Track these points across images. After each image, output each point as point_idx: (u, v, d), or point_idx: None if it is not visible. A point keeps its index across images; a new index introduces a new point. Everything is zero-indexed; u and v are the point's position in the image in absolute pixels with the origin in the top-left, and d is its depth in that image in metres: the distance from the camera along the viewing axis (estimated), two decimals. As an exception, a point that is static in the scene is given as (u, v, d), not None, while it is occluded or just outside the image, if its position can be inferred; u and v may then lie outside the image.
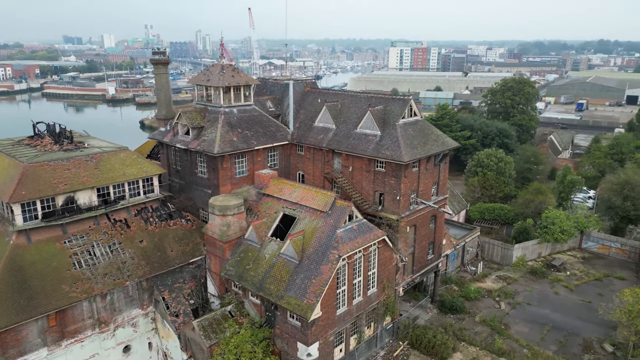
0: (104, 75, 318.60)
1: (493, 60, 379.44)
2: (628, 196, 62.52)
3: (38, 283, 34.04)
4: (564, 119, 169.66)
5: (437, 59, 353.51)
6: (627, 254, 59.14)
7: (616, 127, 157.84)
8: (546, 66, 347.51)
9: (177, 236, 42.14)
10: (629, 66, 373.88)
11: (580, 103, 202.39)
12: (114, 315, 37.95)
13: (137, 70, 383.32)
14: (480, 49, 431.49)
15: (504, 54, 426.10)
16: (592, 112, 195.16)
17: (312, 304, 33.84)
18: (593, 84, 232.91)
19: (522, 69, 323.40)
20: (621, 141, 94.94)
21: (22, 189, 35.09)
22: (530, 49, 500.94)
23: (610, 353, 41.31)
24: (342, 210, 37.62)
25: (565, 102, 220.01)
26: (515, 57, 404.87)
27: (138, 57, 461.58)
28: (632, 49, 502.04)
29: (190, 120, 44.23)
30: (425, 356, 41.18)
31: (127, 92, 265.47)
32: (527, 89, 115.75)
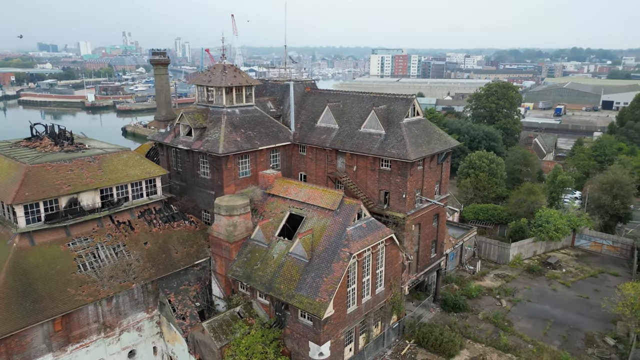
0: (82, 83, 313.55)
1: (471, 67, 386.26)
2: (617, 195, 64.12)
3: (43, 286, 33.08)
4: (544, 123, 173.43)
5: (418, 66, 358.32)
6: (618, 251, 60.53)
7: (594, 131, 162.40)
8: (523, 73, 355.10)
9: (181, 238, 41.52)
10: (602, 73, 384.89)
11: (558, 108, 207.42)
12: (119, 319, 37.11)
13: (116, 77, 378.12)
14: (459, 57, 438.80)
15: (481, 62, 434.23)
16: (570, 117, 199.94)
17: (325, 302, 33.65)
18: (570, 90, 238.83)
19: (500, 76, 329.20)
20: (604, 143, 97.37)
21: (25, 190, 34.15)
22: (507, 57, 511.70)
23: (613, 346, 42.09)
24: (351, 209, 37.64)
25: (543, 107, 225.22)
26: (493, 65, 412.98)
27: (116, 64, 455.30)
28: (603, 56, 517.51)
29: (193, 121, 43.80)
30: (433, 354, 41.29)
31: (107, 99, 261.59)
32: (510, 94, 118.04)
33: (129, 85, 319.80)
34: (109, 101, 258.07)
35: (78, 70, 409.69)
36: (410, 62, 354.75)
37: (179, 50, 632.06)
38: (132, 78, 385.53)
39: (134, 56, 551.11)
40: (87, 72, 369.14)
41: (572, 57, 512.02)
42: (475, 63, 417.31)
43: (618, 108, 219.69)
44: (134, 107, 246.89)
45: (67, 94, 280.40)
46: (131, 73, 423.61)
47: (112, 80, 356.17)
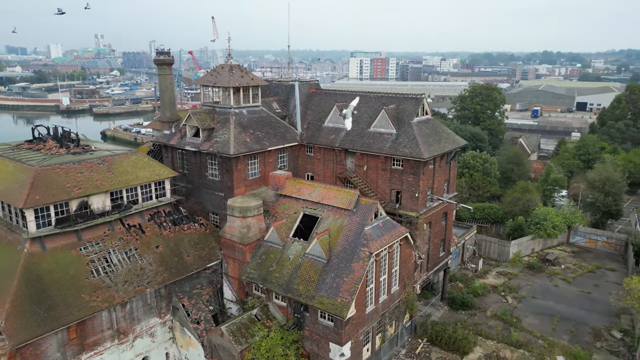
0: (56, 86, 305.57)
1: (448, 70, 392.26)
2: (609, 192, 65.82)
3: (57, 293, 31.92)
4: (523, 124, 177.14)
5: (396, 69, 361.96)
6: (612, 247, 62.09)
7: (572, 132, 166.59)
8: (497, 76, 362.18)
9: (192, 241, 40.69)
10: (573, 75, 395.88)
11: (535, 110, 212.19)
12: (133, 325, 36.11)
13: (90, 80, 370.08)
14: (435, 60, 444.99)
15: (457, 65, 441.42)
16: (546, 118, 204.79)
17: (348, 302, 33.42)
18: (545, 92, 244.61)
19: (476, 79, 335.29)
20: (587, 143, 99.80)
21: (35, 194, 32.92)
22: (481, 60, 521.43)
23: (620, 339, 43.04)
24: (367, 208, 37.54)
25: (520, 109, 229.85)
26: (468, 68, 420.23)
27: (90, 67, 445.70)
28: (573, 59, 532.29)
29: (201, 122, 43.04)
30: (447, 352, 41.47)
31: (82, 103, 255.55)
32: (494, 95, 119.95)
33: (105, 89, 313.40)
34: (84, 105, 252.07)
35: (50, 73, 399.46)
36: (389, 65, 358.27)
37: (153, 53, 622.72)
38: (107, 81, 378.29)
39: (107, 59, 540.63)
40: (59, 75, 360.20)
41: (543, 60, 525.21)
42: (451, 66, 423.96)
43: (592, 109, 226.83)
44: (112, 111, 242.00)
45: (40, 98, 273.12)
46: (105, 76, 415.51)
47: (86, 83, 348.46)
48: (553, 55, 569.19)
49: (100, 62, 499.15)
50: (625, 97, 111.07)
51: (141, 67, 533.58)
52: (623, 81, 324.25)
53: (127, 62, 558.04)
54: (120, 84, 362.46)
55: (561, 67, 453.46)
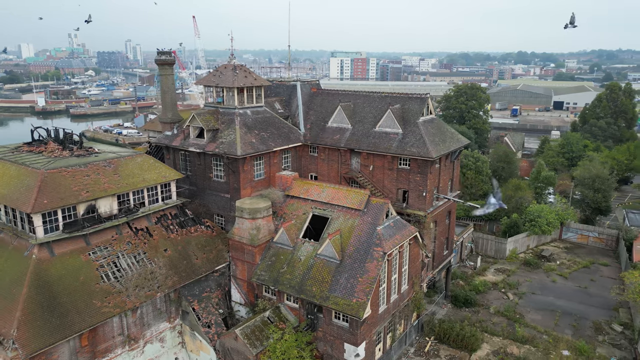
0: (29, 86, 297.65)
1: (427, 70, 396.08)
2: (599, 189, 67.45)
3: (68, 299, 31.05)
4: (505, 123, 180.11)
5: (376, 69, 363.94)
6: (604, 242, 63.65)
7: (552, 130, 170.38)
8: (475, 75, 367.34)
9: (200, 243, 40.11)
10: (547, 75, 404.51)
11: (514, 109, 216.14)
12: (143, 331, 35.41)
13: (65, 80, 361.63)
14: (414, 60, 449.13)
15: (435, 64, 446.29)
16: (525, 117, 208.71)
17: (363, 302, 33.41)
18: (523, 91, 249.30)
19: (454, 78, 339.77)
20: (571, 141, 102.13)
21: (43, 198, 31.94)
22: (458, 60, 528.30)
23: (620, 332, 44.11)
24: (379, 208, 37.58)
25: (499, 108, 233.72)
26: (446, 67, 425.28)
27: (64, 67, 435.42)
28: (547, 59, 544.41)
29: (206, 122, 42.44)
30: (455, 349, 41.82)
31: (59, 104, 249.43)
32: (479, 95, 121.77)
33: (81, 89, 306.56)
34: (61, 106, 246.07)
35: (22, 73, 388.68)
36: (369, 65, 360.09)
37: (129, 52, 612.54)
38: (83, 81, 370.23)
39: (81, 58, 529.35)
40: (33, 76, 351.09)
41: (518, 60, 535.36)
42: (429, 66, 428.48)
43: (568, 108, 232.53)
44: (90, 112, 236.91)
45: (14, 99, 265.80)
46: (80, 76, 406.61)
47: (60, 83, 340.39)
48: (527, 55, 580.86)
49: (74, 61, 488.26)
50: (605, 96, 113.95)
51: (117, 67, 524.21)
52: (596, 80, 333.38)
53: (102, 62, 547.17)
54: (96, 84, 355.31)
55: (536, 67, 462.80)
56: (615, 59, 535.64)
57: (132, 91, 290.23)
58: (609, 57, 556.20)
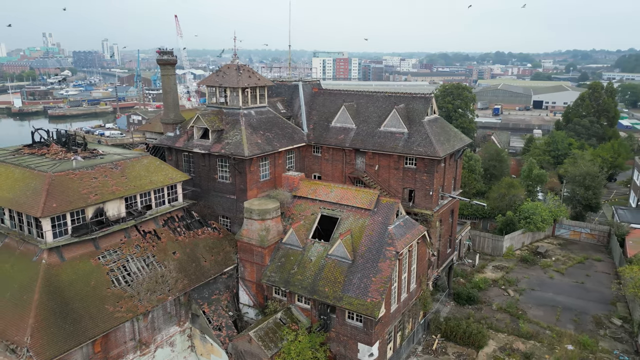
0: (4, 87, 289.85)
1: (407, 70, 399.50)
2: (590, 186, 68.96)
3: (80, 305, 30.31)
4: (488, 122, 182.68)
5: (358, 69, 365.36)
6: (595, 238, 65.10)
7: (534, 129, 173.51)
8: (455, 75, 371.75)
9: (208, 245, 39.63)
10: (525, 75, 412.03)
11: (496, 108, 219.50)
12: (154, 335, 34.83)
13: (41, 81, 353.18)
14: (395, 60, 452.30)
15: (416, 65, 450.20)
16: (507, 116, 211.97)
17: (378, 302, 33.49)
18: (504, 91, 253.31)
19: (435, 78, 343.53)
20: (556, 139, 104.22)
21: (52, 201, 31.11)
22: (437, 60, 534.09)
23: (620, 326, 45.17)
24: (389, 207, 37.71)
25: (481, 107, 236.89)
26: (427, 67, 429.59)
27: (39, 67, 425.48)
28: (524, 59, 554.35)
29: (211, 123, 41.95)
30: (462, 346, 42.23)
31: (36, 105, 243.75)
32: (465, 94, 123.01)
33: (58, 89, 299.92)
34: (38, 106, 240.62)
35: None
36: (351, 65, 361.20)
37: (106, 52, 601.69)
38: (59, 81, 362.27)
39: (57, 58, 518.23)
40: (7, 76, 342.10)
41: (496, 61, 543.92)
42: (410, 66, 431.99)
43: (547, 107, 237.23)
44: (68, 113, 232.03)
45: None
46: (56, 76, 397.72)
47: (36, 84, 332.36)
48: (505, 55, 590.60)
49: (49, 61, 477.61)
50: (588, 95, 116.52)
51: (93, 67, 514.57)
52: (572, 80, 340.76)
53: (78, 62, 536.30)
54: (73, 84, 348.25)
55: (513, 67, 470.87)
56: (590, 59, 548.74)
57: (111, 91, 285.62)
58: (584, 57, 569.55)
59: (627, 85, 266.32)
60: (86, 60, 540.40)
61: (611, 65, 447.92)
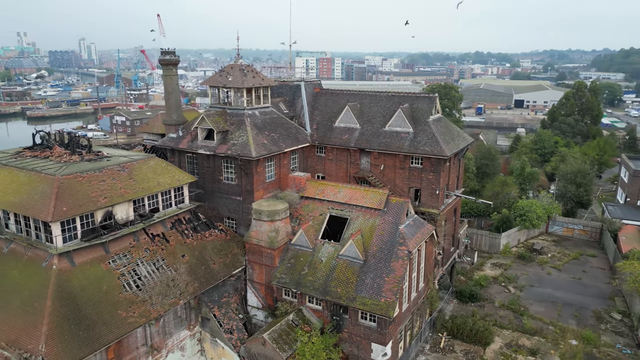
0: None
1: (390, 70, 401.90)
2: (581, 183, 70.34)
3: (93, 310, 29.65)
4: (472, 121, 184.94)
5: (341, 68, 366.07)
6: (588, 234, 66.42)
7: (517, 128, 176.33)
8: (437, 75, 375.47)
9: (215, 248, 39.17)
10: (505, 75, 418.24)
11: (479, 107, 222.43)
12: (166, 340, 34.28)
13: (17, 81, 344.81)
14: (377, 60, 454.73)
15: (398, 64, 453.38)
16: (490, 115, 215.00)
17: (392, 302, 33.55)
18: (486, 90, 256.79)
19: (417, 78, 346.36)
20: (543, 138, 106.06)
21: (62, 205, 30.35)
22: (418, 60, 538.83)
23: (620, 320, 46.16)
24: (399, 207, 37.80)
25: (464, 106, 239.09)
26: (408, 67, 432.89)
27: (15, 67, 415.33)
28: (503, 59, 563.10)
29: (216, 124, 41.46)
30: (469, 344, 42.58)
31: (13, 106, 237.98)
32: (453, 94, 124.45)
33: (36, 90, 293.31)
34: (16, 107, 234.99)
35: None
36: (334, 64, 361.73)
37: (84, 51, 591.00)
38: (35, 82, 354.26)
39: (33, 58, 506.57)
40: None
41: (475, 60, 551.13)
42: (392, 66, 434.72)
43: (528, 106, 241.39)
44: (48, 114, 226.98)
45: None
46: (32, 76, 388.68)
47: (12, 84, 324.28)
48: (484, 55, 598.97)
49: (25, 61, 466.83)
50: (572, 94, 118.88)
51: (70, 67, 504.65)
52: (551, 79, 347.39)
53: (55, 62, 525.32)
54: (50, 84, 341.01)
55: (493, 66, 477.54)
56: (566, 59, 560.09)
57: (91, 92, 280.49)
58: (560, 57, 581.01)
59: (604, 85, 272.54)
60: (63, 60, 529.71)
61: (587, 65, 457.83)
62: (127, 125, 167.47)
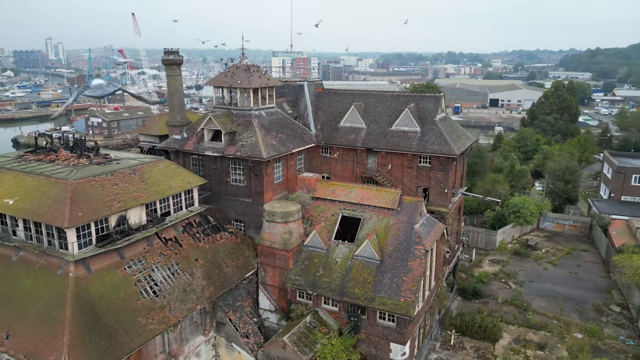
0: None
1: (365, 70, 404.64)
2: (569, 180, 72.13)
3: (113, 319, 28.68)
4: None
5: (318, 68, 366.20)
6: (578, 229, 68.17)
7: (495, 126, 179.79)
8: (412, 75, 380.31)
9: (227, 251, 38.48)
10: (477, 74, 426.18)
11: (456, 106, 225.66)
12: (182, 346, 33.50)
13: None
14: (352, 60, 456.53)
15: (373, 64, 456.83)
16: (467, 114, 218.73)
17: (412, 301, 33.62)
18: (461, 90, 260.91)
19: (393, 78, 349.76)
20: (525, 136, 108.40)
21: (77, 210, 29.24)
22: (392, 60, 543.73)
23: (619, 313, 47.49)
24: (413, 206, 37.91)
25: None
26: (384, 67, 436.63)
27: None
28: (474, 59, 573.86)
29: (223, 125, 40.72)
30: (478, 340, 43.07)
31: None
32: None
33: (3, 91, 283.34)
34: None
35: None
36: (311, 64, 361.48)
37: (51, 51, 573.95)
38: (1, 83, 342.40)
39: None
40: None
41: (448, 60, 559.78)
42: (367, 66, 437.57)
43: (503, 105, 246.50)
44: (17, 116, 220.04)
45: None
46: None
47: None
48: (456, 55, 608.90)
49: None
50: (551, 93, 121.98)
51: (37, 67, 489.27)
52: (522, 79, 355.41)
53: (20, 62, 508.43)
54: (17, 85, 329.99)
55: (465, 66, 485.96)
56: (535, 59, 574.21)
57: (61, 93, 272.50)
58: (529, 57, 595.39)
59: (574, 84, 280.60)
60: (29, 60, 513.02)
61: (555, 65, 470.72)
62: (104, 127, 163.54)
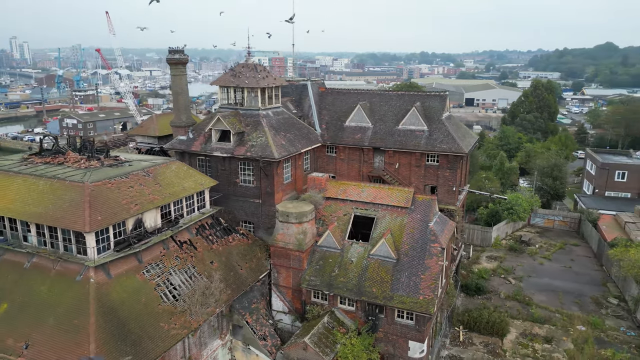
0: None
1: (341, 70, 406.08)
2: (557, 177, 73.97)
3: (136, 324, 27.91)
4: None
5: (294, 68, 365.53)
6: (568, 225, 69.97)
7: (473, 125, 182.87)
8: (387, 75, 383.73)
9: (240, 253, 37.96)
10: (451, 74, 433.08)
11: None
12: (201, 350, 32.89)
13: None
14: (327, 60, 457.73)
15: (348, 64, 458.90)
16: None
17: (432, 299, 33.85)
18: (438, 89, 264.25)
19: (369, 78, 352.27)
20: (507, 134, 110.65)
21: (96, 214, 28.31)
22: (367, 60, 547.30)
23: (617, 305, 48.92)
24: (427, 205, 38.16)
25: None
26: (359, 67, 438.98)
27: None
28: (447, 59, 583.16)
29: (232, 125, 40.13)
30: (486, 336, 43.65)
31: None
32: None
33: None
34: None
35: None
36: (287, 64, 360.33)
37: (16, 51, 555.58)
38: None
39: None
40: None
41: (422, 60, 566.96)
42: (343, 66, 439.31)
43: (478, 104, 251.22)
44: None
45: None
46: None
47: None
48: (429, 55, 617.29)
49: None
50: (530, 92, 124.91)
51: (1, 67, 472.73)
52: (495, 78, 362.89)
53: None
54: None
55: (439, 66, 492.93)
56: (505, 59, 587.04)
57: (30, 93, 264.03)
58: (499, 57, 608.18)
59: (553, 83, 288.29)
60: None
61: (525, 65, 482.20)
62: (79, 128, 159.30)
